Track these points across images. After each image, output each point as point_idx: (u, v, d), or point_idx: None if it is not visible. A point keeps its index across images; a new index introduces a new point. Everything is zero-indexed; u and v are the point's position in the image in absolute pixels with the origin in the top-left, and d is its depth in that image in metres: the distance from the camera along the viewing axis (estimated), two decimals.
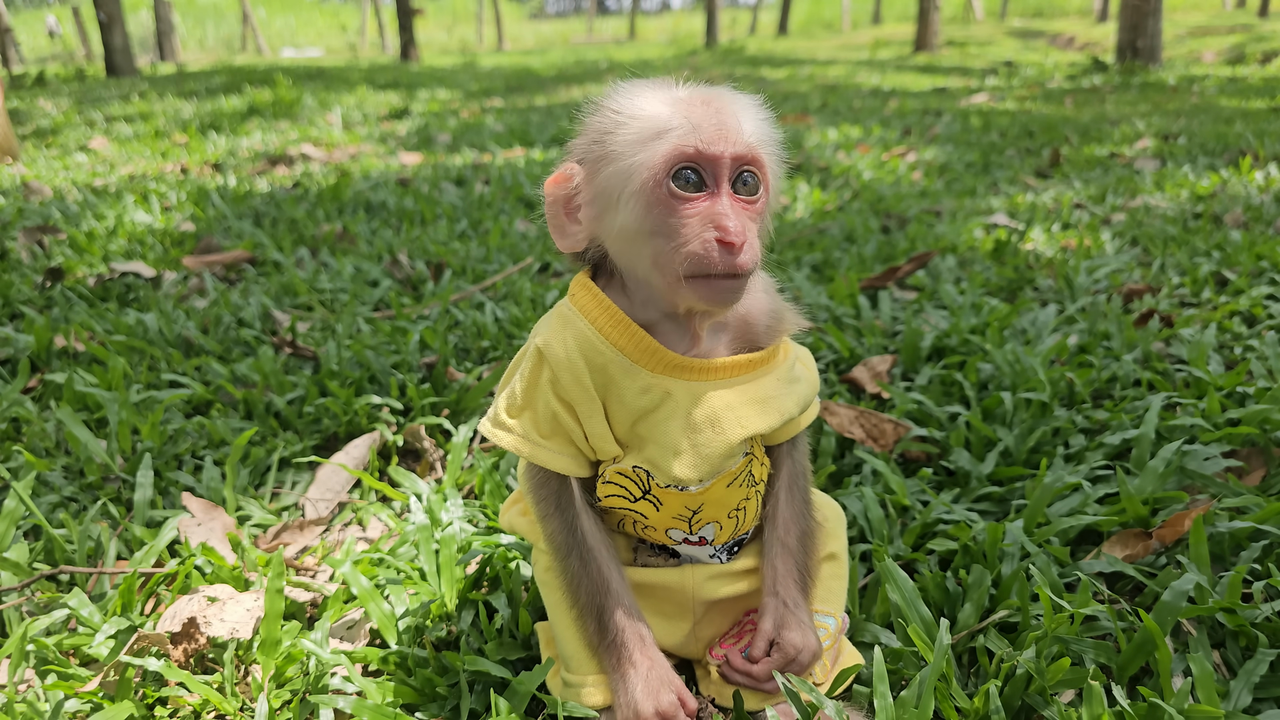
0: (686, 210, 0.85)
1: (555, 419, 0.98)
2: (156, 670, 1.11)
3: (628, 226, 0.88)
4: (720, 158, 0.84)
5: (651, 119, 0.86)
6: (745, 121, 0.88)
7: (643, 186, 0.85)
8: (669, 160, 0.84)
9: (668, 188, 0.84)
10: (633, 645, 1.00)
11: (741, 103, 0.90)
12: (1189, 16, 18.99)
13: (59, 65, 17.70)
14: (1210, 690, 0.98)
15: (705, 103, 0.87)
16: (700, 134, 0.84)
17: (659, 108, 0.87)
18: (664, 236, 0.86)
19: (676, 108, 0.86)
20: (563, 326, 0.97)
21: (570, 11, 51.29)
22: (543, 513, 1.04)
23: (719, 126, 0.85)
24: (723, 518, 1.03)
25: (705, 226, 0.84)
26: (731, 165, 0.85)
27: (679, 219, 0.85)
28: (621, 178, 0.87)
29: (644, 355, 0.95)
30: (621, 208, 0.87)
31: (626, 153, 0.87)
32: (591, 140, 0.91)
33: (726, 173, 0.85)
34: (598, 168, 0.90)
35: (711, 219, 0.84)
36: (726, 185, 0.86)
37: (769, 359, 1.00)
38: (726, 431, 0.96)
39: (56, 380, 1.99)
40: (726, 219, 0.83)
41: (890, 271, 2.68)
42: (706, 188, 0.85)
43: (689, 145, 0.84)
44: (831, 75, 11.88)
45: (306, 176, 4.84)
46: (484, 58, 19.14)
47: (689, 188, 0.85)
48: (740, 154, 0.85)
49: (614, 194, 0.88)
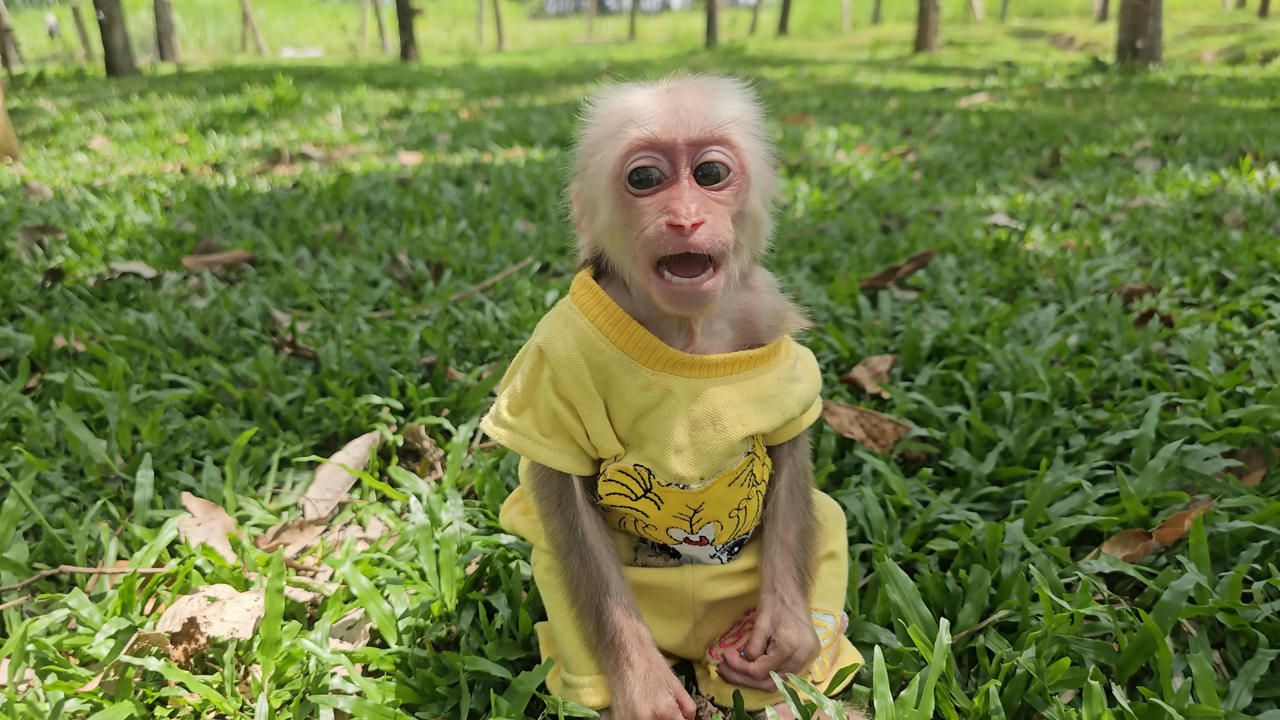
0: (645, 201, 0.85)
1: (556, 417, 0.98)
2: (156, 670, 1.11)
3: (605, 224, 0.89)
4: (674, 144, 0.84)
5: (616, 114, 0.86)
6: (713, 106, 0.85)
7: (609, 182, 0.86)
8: (624, 153, 0.84)
9: (625, 180, 0.85)
10: (631, 646, 1.00)
11: (714, 88, 0.88)
12: (1189, 16, 18.99)
13: (59, 65, 17.70)
14: (1210, 690, 0.98)
15: (669, 92, 0.86)
16: (655, 123, 0.84)
17: (628, 102, 0.87)
18: (629, 228, 0.86)
19: (639, 102, 0.86)
20: (563, 325, 0.97)
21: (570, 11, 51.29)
22: (544, 511, 1.04)
23: (674, 112, 0.84)
24: (723, 517, 1.03)
25: (661, 212, 0.83)
26: (688, 151, 0.84)
27: (638, 210, 0.85)
28: (597, 178, 0.88)
29: (643, 353, 0.95)
30: (600, 207, 0.89)
31: (597, 152, 0.88)
32: (580, 148, 0.92)
33: (684, 159, 0.84)
34: (584, 174, 0.91)
35: (665, 203, 0.83)
36: (686, 172, 0.85)
37: (769, 356, 1.00)
38: (727, 429, 0.96)
39: (56, 380, 1.99)
40: (677, 201, 0.82)
41: (890, 271, 2.68)
42: (666, 178, 0.85)
43: (641, 135, 0.84)
44: (831, 75, 11.88)
45: (306, 176, 4.84)
46: (484, 58, 19.13)
47: (644, 181, 0.84)
48: (697, 138, 0.84)
49: (595, 195, 0.90)
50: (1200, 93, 7.59)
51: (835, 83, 10.66)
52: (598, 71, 13.45)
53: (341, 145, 6.33)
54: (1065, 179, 4.27)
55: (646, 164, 0.84)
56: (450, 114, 8.08)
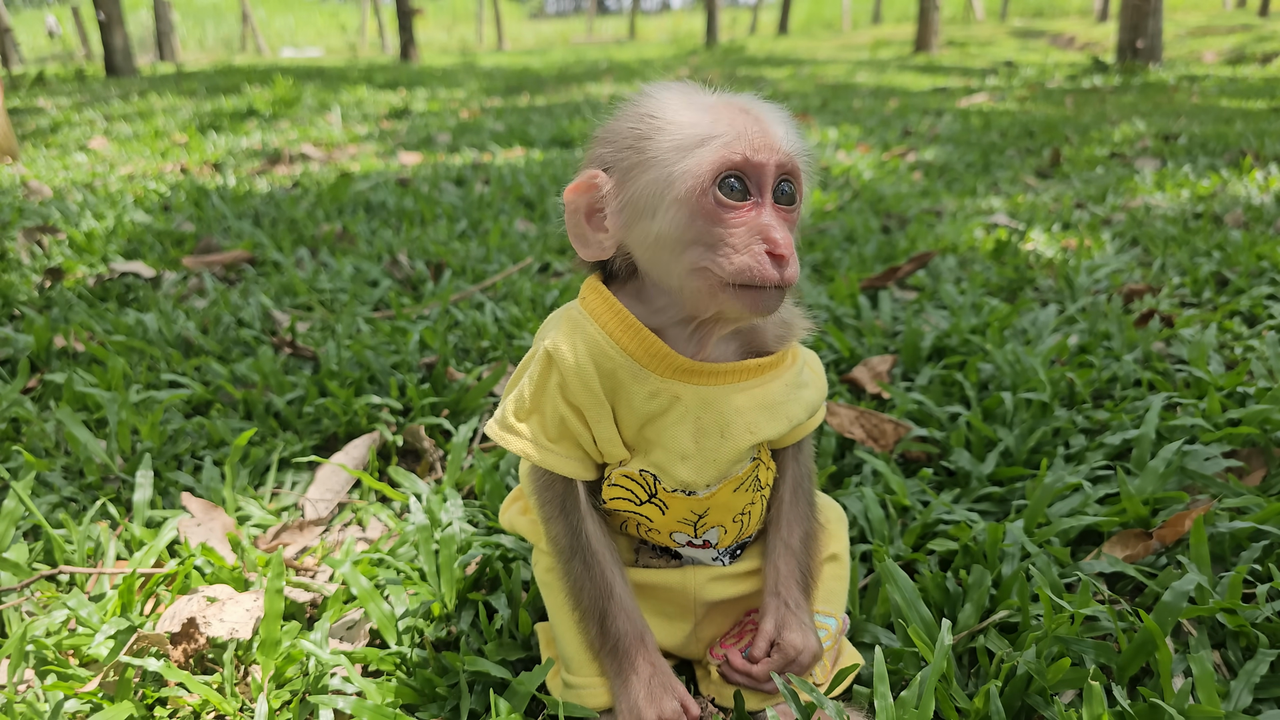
0: (732, 219, 0.84)
1: (563, 423, 0.97)
2: (156, 670, 1.11)
3: (666, 234, 0.86)
4: (765, 166, 0.84)
5: (692, 125, 0.85)
6: (787, 132, 0.87)
7: (687, 194, 0.84)
8: (715, 168, 0.83)
9: (714, 196, 0.83)
10: (635, 650, 1.00)
11: (777, 113, 0.90)
12: (1189, 16, 18.99)
13: (59, 65, 17.68)
14: (1211, 690, 0.98)
15: (745, 111, 0.86)
16: (746, 142, 0.83)
17: (698, 114, 0.86)
18: (707, 245, 0.84)
19: (716, 115, 0.86)
20: (572, 330, 0.96)
21: (570, 11, 51.29)
22: (547, 515, 1.03)
23: (763, 135, 0.84)
24: (728, 522, 1.03)
25: (753, 238, 0.83)
26: (775, 174, 0.85)
27: (725, 228, 0.84)
28: (660, 185, 0.85)
29: (653, 360, 0.94)
30: (660, 215, 0.85)
31: (666, 159, 0.85)
32: (623, 146, 0.88)
33: (770, 182, 0.85)
34: (631, 175, 0.87)
35: (759, 230, 0.83)
36: (770, 195, 0.85)
37: (778, 364, 0.99)
38: (735, 437, 0.96)
39: (56, 380, 1.98)
40: (774, 230, 0.83)
41: (890, 271, 2.68)
42: (750, 197, 0.85)
43: (736, 154, 0.83)
44: (831, 75, 11.88)
45: (306, 176, 4.84)
46: (484, 57, 19.13)
47: (735, 196, 0.84)
48: (783, 163, 0.85)
49: (651, 201, 0.86)
50: (1200, 93, 7.59)
51: (835, 83, 10.65)
52: (598, 71, 13.44)
53: (341, 145, 6.33)
54: (1065, 179, 4.27)
55: (736, 178, 0.84)
56: (450, 114, 8.08)
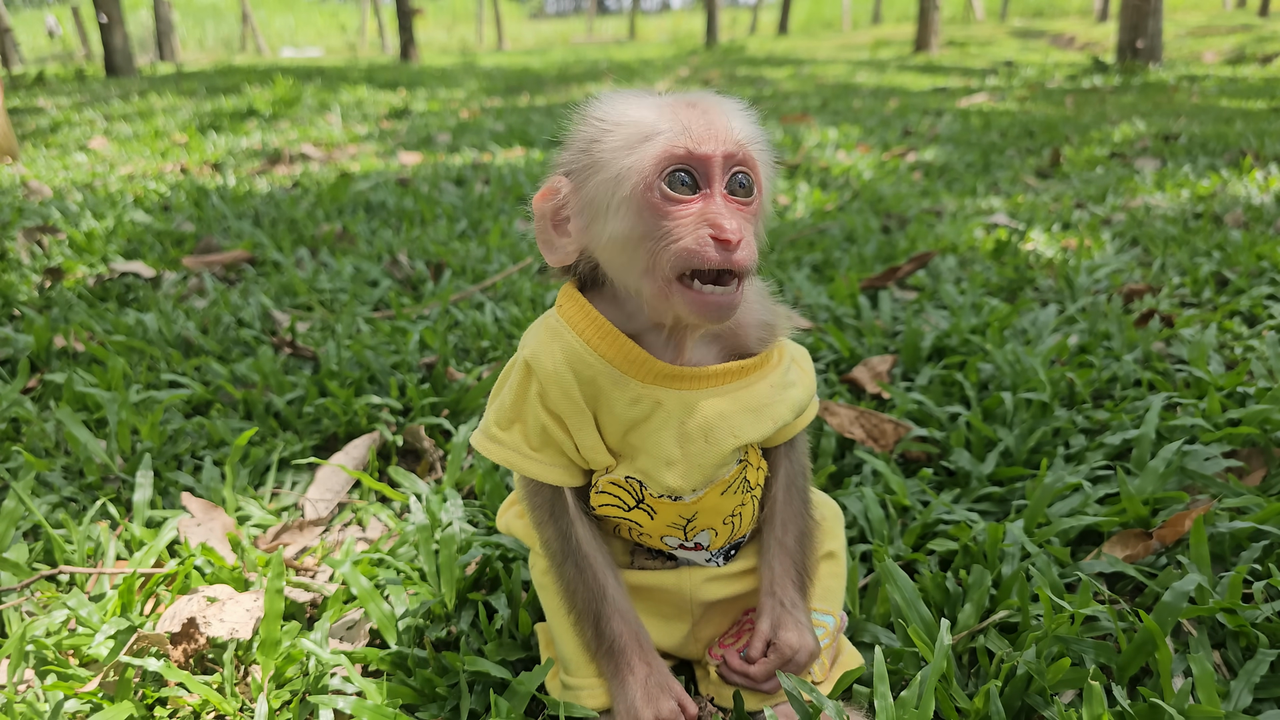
0: (679, 212, 0.83)
1: (545, 431, 0.97)
2: (156, 670, 1.11)
3: (618, 234, 0.86)
4: (711, 157, 0.83)
5: (638, 123, 0.85)
6: (734, 122, 0.86)
7: (633, 191, 0.84)
8: (659, 162, 0.83)
9: (659, 190, 0.83)
10: (631, 651, 1.00)
11: (728, 104, 0.89)
12: (1189, 16, 18.99)
13: (58, 65, 17.68)
14: (1210, 690, 0.98)
15: (691, 105, 0.86)
16: (690, 134, 0.83)
17: (645, 112, 0.86)
18: (655, 239, 0.84)
19: (663, 111, 0.85)
20: (550, 339, 0.96)
21: (570, 11, 51.28)
22: (537, 520, 1.04)
23: (708, 126, 0.84)
24: (718, 524, 1.03)
25: (699, 225, 0.82)
26: (724, 165, 0.84)
27: (671, 221, 0.83)
28: (610, 185, 0.85)
29: (632, 366, 0.93)
30: (611, 215, 0.86)
31: (614, 159, 0.85)
32: (577, 150, 0.89)
33: (719, 173, 0.84)
34: (585, 177, 0.88)
35: (705, 217, 0.82)
36: (720, 186, 0.84)
37: (761, 365, 0.99)
38: (719, 441, 0.95)
39: (56, 380, 1.98)
40: (721, 216, 0.82)
41: (890, 271, 2.68)
42: (699, 189, 0.84)
43: (679, 146, 0.83)
44: (831, 75, 11.87)
45: (306, 176, 4.84)
46: (484, 57, 19.13)
47: (682, 190, 0.83)
48: (731, 152, 0.84)
49: (603, 202, 0.86)
50: (1200, 93, 7.59)
51: (835, 82, 10.65)
52: (598, 71, 13.45)
53: (341, 145, 6.33)
54: (1065, 179, 4.27)
55: (683, 172, 0.83)
56: (450, 114, 8.08)
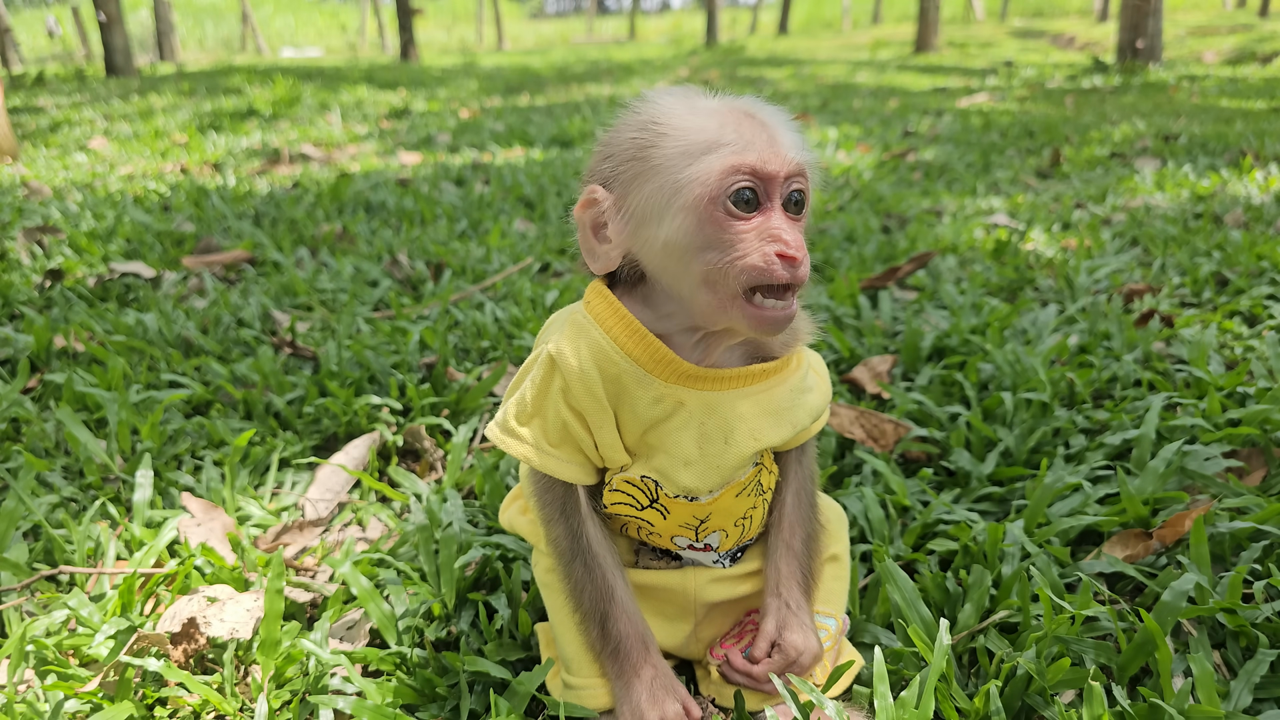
0: (742, 226, 0.84)
1: (565, 428, 0.97)
2: (156, 670, 1.11)
3: (674, 241, 0.85)
4: (776, 176, 0.84)
5: (698, 132, 0.85)
6: (795, 138, 0.88)
7: (696, 201, 0.83)
8: (725, 175, 0.83)
9: (724, 204, 0.83)
10: (637, 653, 1.00)
11: (782, 117, 0.89)
12: (1189, 16, 18.99)
13: (58, 65, 17.68)
14: (1210, 690, 0.98)
15: (751, 116, 0.86)
16: (756, 151, 0.84)
17: (703, 119, 0.86)
18: (718, 251, 0.84)
19: (722, 121, 0.85)
20: (577, 334, 0.95)
21: (570, 11, 51.28)
22: (547, 518, 1.03)
23: (771, 143, 0.85)
24: (729, 526, 1.03)
25: (764, 241, 0.83)
26: (784, 183, 0.85)
27: (734, 235, 0.84)
28: (667, 191, 0.85)
29: (658, 365, 0.93)
30: (668, 222, 0.85)
31: (672, 166, 0.85)
32: (625, 158, 0.88)
33: (780, 190, 0.85)
34: (636, 182, 0.87)
35: (769, 233, 0.84)
36: (779, 202, 0.85)
37: (782, 369, 0.99)
38: (739, 443, 0.96)
39: (56, 380, 1.98)
40: (785, 233, 0.83)
41: (890, 271, 2.68)
42: (760, 204, 0.85)
43: (745, 162, 0.83)
44: (831, 75, 11.87)
45: (306, 176, 4.84)
46: (484, 57, 19.13)
47: (746, 205, 0.84)
48: (793, 171, 0.85)
49: (657, 208, 0.86)
50: (1200, 93, 7.59)
51: (835, 82, 10.65)
52: (599, 71, 13.44)
53: (341, 145, 6.33)
54: (1065, 179, 4.27)
55: (747, 187, 0.84)
56: (450, 114, 8.08)
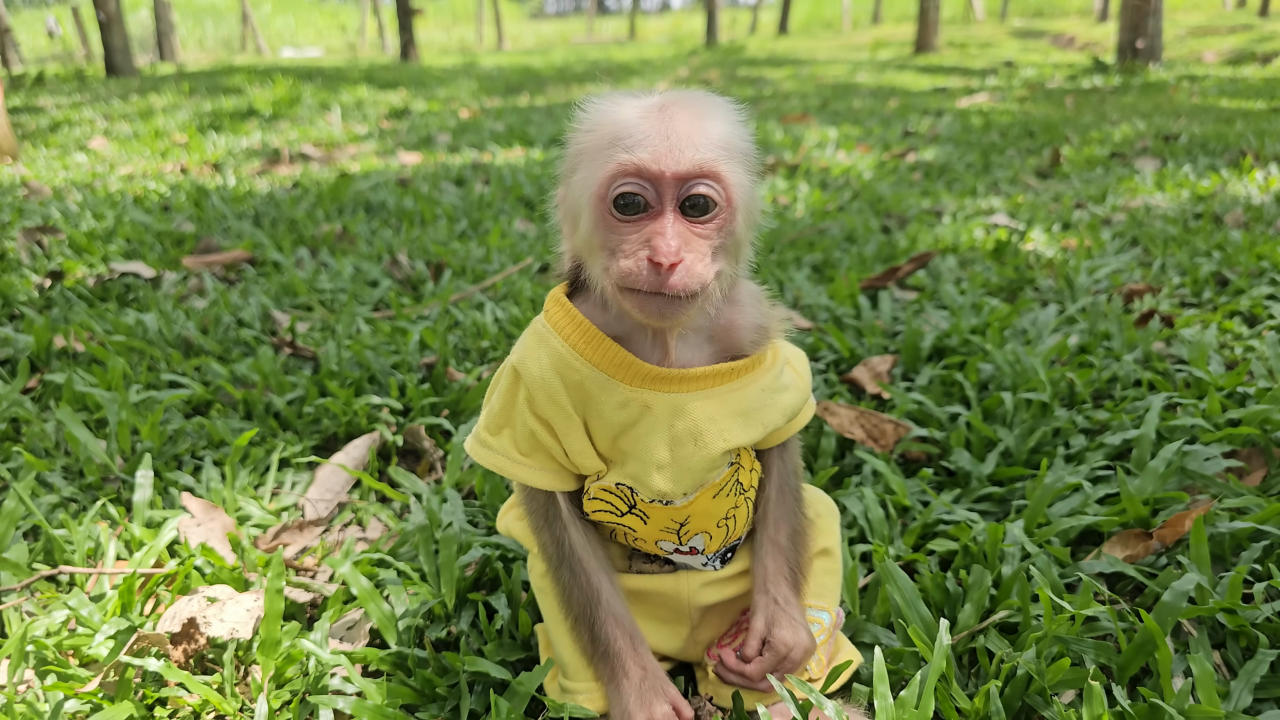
0: (627, 229, 0.82)
1: (534, 437, 0.97)
2: (156, 671, 1.11)
3: (585, 237, 0.86)
4: (662, 176, 0.80)
5: (608, 129, 0.83)
6: (704, 133, 0.82)
7: (592, 201, 0.83)
8: (610, 176, 0.81)
9: (610, 203, 0.82)
10: (625, 655, 1.00)
11: (706, 109, 0.84)
12: (1189, 16, 18.99)
13: (58, 65, 17.68)
14: (1210, 690, 0.98)
15: (661, 111, 0.82)
16: (645, 149, 0.80)
17: (618, 117, 0.83)
18: (608, 251, 0.84)
19: (634, 116, 0.82)
20: (537, 344, 0.96)
21: (570, 11, 51.27)
22: (534, 525, 1.04)
23: (666, 139, 0.80)
24: (711, 528, 1.03)
25: (642, 245, 0.81)
26: (675, 184, 0.81)
27: (620, 236, 0.83)
28: (581, 190, 0.85)
29: (619, 369, 0.93)
30: (583, 218, 0.86)
31: (584, 164, 0.85)
32: (568, 155, 0.90)
33: (671, 192, 0.81)
34: (569, 181, 0.89)
35: (648, 237, 0.81)
36: (671, 204, 0.81)
37: (751, 368, 0.97)
38: (708, 444, 0.95)
39: (56, 380, 1.98)
40: (660, 238, 0.80)
41: (890, 271, 2.68)
42: (650, 207, 0.82)
43: (629, 162, 0.80)
44: (831, 75, 11.87)
45: (306, 176, 4.84)
46: (484, 58, 19.13)
47: (629, 208, 0.82)
48: (684, 172, 0.80)
49: (578, 204, 0.87)
50: (1200, 93, 7.59)
51: (835, 83, 10.65)
52: (598, 71, 13.45)
53: (341, 145, 6.33)
54: (1065, 179, 4.27)
55: (633, 190, 0.81)
56: (450, 114, 8.08)
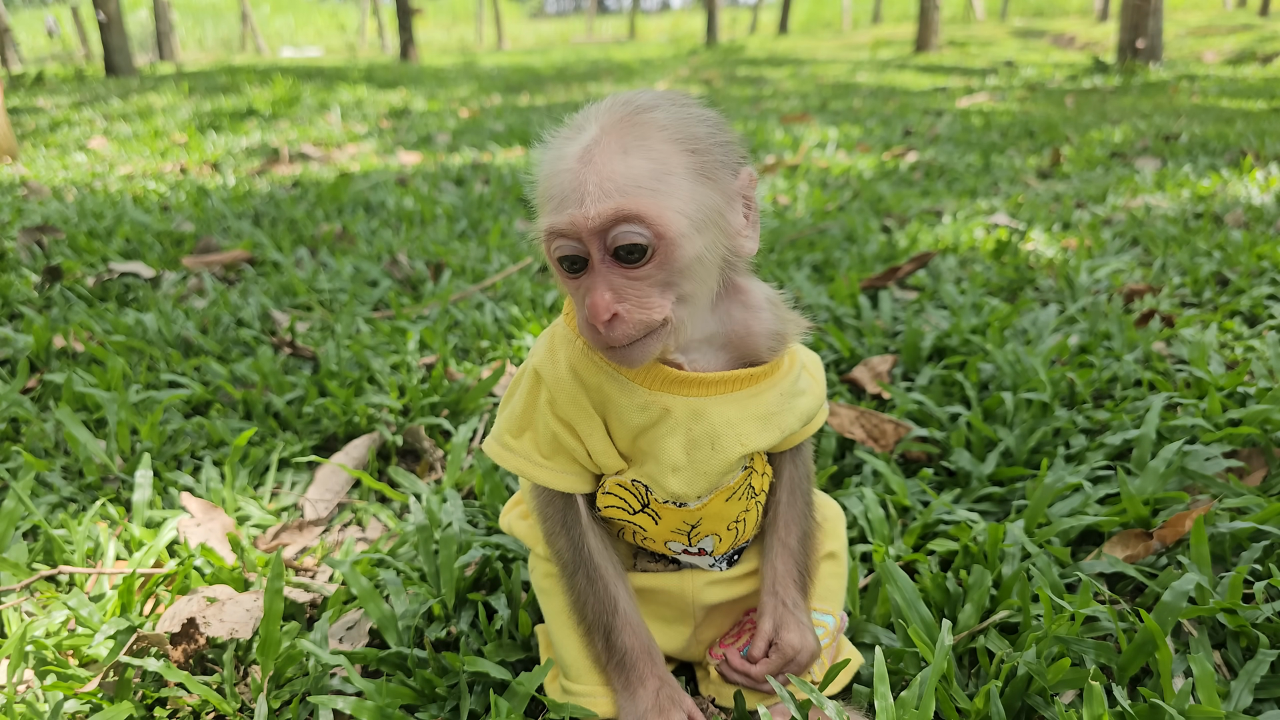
0: (574, 283, 0.84)
1: (556, 439, 0.97)
2: (156, 671, 1.11)
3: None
4: (580, 232, 0.78)
5: (544, 182, 0.83)
6: (626, 171, 0.78)
7: (547, 257, 0.85)
8: (547, 239, 0.82)
9: (556, 263, 0.83)
10: (642, 664, 1.00)
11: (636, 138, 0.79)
12: (1190, 16, 18.99)
13: (58, 65, 17.67)
14: (1211, 691, 0.98)
15: (583, 156, 0.79)
16: (567, 206, 0.79)
17: (551, 168, 0.82)
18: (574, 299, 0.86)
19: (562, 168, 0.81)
20: (558, 347, 0.96)
21: (570, 11, 51.26)
22: (549, 530, 1.04)
23: (580, 193, 0.78)
24: (722, 530, 1.03)
25: (582, 303, 0.82)
26: (597, 237, 0.79)
27: (573, 287, 0.85)
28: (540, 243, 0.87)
29: (638, 373, 0.93)
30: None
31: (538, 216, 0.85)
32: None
33: (596, 244, 0.79)
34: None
35: (585, 295, 0.82)
36: (600, 256, 0.80)
37: (771, 372, 0.98)
38: (726, 449, 0.95)
39: (56, 380, 1.98)
40: (592, 294, 0.80)
41: (891, 271, 2.68)
42: (589, 259, 0.81)
43: (554, 225, 0.80)
44: (831, 75, 11.87)
45: (306, 176, 4.84)
46: (484, 57, 19.12)
47: (571, 266, 0.82)
48: (599, 226, 0.78)
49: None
50: (1200, 93, 7.59)
51: (835, 82, 10.65)
52: (598, 71, 13.44)
53: (341, 145, 6.32)
54: (1065, 179, 4.27)
55: (566, 252, 0.81)
56: (450, 114, 8.08)
